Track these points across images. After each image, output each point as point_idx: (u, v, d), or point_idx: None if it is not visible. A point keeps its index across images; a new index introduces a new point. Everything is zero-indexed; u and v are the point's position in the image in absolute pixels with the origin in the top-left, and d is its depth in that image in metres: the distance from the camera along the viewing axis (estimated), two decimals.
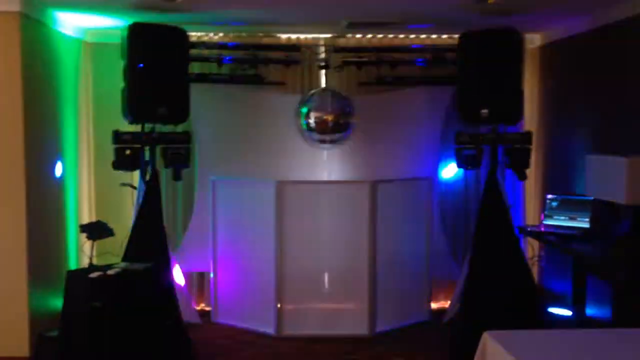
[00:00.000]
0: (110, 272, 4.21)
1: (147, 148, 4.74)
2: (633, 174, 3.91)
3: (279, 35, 5.78)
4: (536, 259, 5.50)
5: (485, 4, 4.47)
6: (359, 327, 5.20)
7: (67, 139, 5.37)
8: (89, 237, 4.43)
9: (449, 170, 5.85)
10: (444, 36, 5.82)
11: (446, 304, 5.82)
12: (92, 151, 5.85)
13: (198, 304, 5.86)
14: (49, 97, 5.02)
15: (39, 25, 4.80)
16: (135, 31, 4.55)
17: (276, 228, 5.16)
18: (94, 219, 5.63)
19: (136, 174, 4.90)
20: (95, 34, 5.79)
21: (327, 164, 5.80)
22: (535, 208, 5.90)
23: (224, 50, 5.42)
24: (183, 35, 4.78)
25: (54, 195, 5.10)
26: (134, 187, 4.89)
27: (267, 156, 5.72)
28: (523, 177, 4.89)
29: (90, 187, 5.86)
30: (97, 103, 5.84)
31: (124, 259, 4.58)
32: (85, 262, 4.63)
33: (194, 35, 5.59)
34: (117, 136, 4.70)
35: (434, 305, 5.80)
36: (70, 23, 5.34)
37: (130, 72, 4.58)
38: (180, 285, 5.26)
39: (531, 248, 5.42)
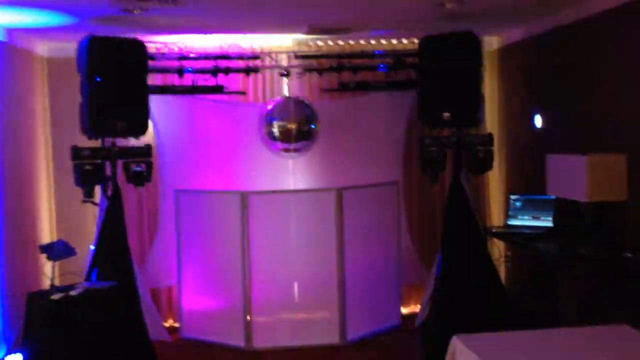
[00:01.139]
0: (72, 292, 4.11)
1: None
2: (592, 172, 3.97)
3: (239, 43, 5.73)
4: (503, 259, 5.55)
5: (444, 9, 4.50)
6: (330, 336, 5.16)
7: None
8: (49, 258, 4.31)
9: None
10: (405, 41, 5.85)
11: (417, 308, 5.82)
12: (51, 168, 5.71)
13: (166, 320, 5.75)
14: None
15: None
16: (91, 44, 4.47)
17: (242, 239, 5.10)
18: (54, 238, 5.49)
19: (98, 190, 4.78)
20: (50, 48, 5.67)
21: (292, 173, 5.76)
22: (499, 209, 5.96)
23: (184, 60, 5.35)
24: (141, 47, 4.70)
25: (14, 215, 4.95)
26: (96, 204, 4.77)
27: (231, 167, 5.66)
28: (489, 166, 4.91)
29: (50, 206, 5.71)
30: (55, 118, 5.70)
31: (87, 279, 4.47)
32: (46, 284, 4.49)
33: (153, 46, 5.51)
34: (76, 152, 4.60)
35: (404, 310, 5.80)
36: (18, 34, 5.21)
37: (87, 86, 4.49)
38: (147, 302, 5.15)
39: (497, 249, 5.47)
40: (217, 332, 5.28)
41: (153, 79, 5.21)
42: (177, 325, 5.61)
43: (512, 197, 5.16)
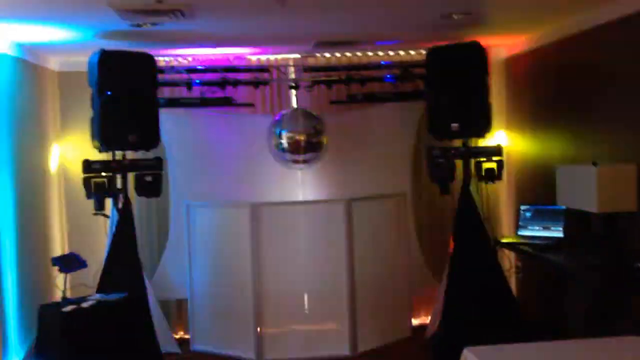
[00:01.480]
0: (84, 304, 4.14)
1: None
2: (602, 183, 3.97)
3: (248, 56, 5.78)
4: (513, 270, 5.53)
5: (451, 20, 4.53)
6: (340, 348, 5.15)
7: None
8: (61, 270, 4.34)
9: None
10: (412, 52, 5.87)
11: (427, 319, 5.80)
12: (63, 181, 5.76)
13: (177, 332, 5.76)
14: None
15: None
16: (102, 58, 4.52)
17: (252, 251, 5.12)
18: (66, 251, 5.53)
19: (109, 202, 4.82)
20: (61, 63, 5.73)
21: (301, 184, 5.78)
22: (510, 219, 5.95)
23: (193, 73, 5.40)
24: (151, 60, 4.75)
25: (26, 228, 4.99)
26: (107, 216, 4.81)
27: (241, 178, 5.69)
28: (498, 177, 4.91)
29: (62, 218, 5.76)
30: (66, 132, 5.76)
31: (98, 291, 4.50)
32: (58, 296, 4.53)
33: (162, 59, 5.57)
34: (88, 165, 4.65)
35: (415, 321, 5.78)
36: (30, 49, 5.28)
37: (98, 100, 4.54)
38: (157, 314, 5.17)
39: (508, 259, 5.46)
40: (227, 343, 5.28)
41: (161, 92, 5.25)
42: (187, 337, 5.62)
43: (522, 207, 5.15)
